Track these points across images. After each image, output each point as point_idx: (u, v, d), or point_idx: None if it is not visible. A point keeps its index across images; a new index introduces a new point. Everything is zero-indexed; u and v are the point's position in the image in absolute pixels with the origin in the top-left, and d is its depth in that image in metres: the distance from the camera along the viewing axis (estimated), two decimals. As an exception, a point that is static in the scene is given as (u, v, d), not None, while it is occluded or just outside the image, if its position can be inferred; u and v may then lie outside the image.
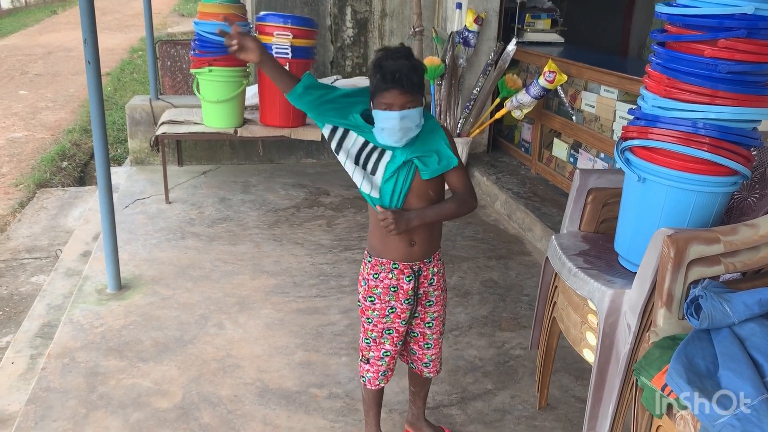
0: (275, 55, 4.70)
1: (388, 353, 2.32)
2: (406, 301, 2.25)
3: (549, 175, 5.14)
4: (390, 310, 2.25)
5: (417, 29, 5.64)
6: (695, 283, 1.88)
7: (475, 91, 5.45)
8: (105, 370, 2.97)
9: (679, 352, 1.71)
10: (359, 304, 2.31)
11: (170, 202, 4.93)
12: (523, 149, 5.67)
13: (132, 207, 4.89)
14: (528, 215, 4.57)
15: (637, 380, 1.82)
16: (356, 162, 2.12)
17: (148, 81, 6.57)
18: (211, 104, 4.86)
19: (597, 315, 2.19)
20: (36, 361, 3.17)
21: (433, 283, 2.29)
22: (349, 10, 6.10)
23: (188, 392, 2.83)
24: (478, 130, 5.46)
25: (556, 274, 2.53)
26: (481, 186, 5.37)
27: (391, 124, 1.99)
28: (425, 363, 2.41)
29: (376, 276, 2.22)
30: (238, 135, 4.88)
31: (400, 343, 2.33)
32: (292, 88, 2.11)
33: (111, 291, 3.63)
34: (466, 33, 5.35)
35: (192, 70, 4.88)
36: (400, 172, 2.10)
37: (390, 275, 2.21)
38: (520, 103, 4.93)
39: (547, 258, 2.60)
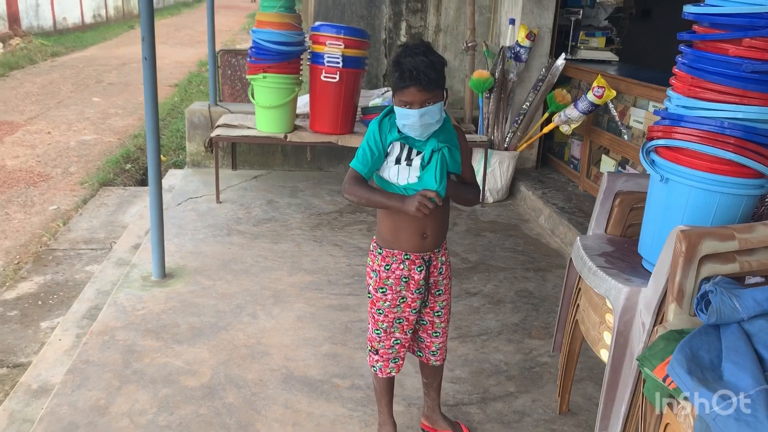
0: (327, 65, 4.85)
1: (398, 341, 2.36)
2: (417, 291, 2.29)
3: (596, 191, 5.09)
4: (401, 300, 2.29)
5: (470, 44, 5.71)
6: (709, 279, 1.86)
7: (524, 106, 5.46)
8: (141, 349, 3.11)
9: (683, 344, 1.70)
10: (369, 296, 2.35)
11: (220, 202, 5.12)
12: (571, 166, 5.63)
13: (184, 204, 5.09)
14: (571, 230, 4.54)
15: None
16: (398, 162, 2.16)
17: (211, 90, 6.85)
18: (263, 109, 5.04)
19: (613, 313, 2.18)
20: (80, 339, 3.35)
21: (443, 272, 2.34)
22: (404, 25, 6.23)
23: (216, 373, 2.94)
24: (525, 145, 5.46)
25: (579, 275, 2.53)
26: (526, 200, 5.36)
27: (412, 121, 2.05)
28: (432, 351, 2.44)
29: (387, 267, 2.27)
30: (288, 140, 5.03)
31: (410, 331, 2.37)
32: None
33: (155, 278, 3.80)
34: (518, 48, 5.38)
35: (248, 77, 5.07)
36: (434, 156, 2.14)
37: (401, 266, 2.25)
38: (568, 117, 4.92)
39: (571, 260, 2.60)
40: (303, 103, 5.59)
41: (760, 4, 1.90)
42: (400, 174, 2.15)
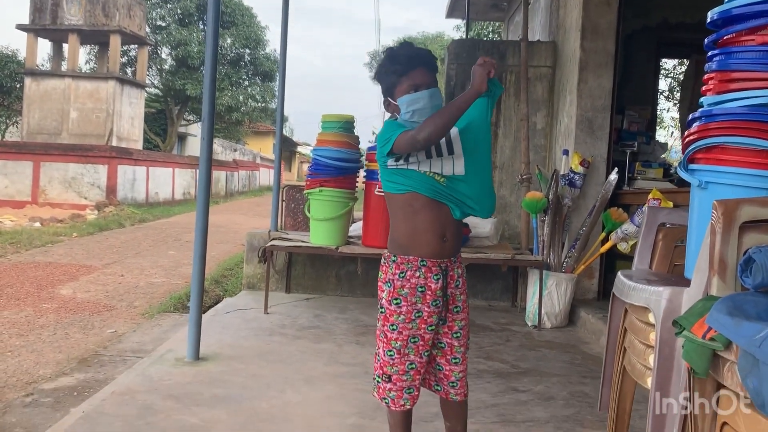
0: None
1: (413, 365, 2.15)
2: (434, 303, 2.12)
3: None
4: (416, 314, 2.12)
5: (524, 176, 5.80)
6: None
7: (581, 231, 5.36)
8: (159, 408, 2.95)
9: (725, 299, 1.48)
10: (381, 310, 2.19)
11: (268, 313, 5.07)
12: (634, 295, 5.34)
13: (232, 314, 5.08)
14: (632, 345, 4.19)
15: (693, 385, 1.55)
16: (428, 156, 2.10)
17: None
18: (318, 222, 5.15)
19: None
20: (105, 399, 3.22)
21: (459, 285, 2.18)
22: (461, 161, 6.43)
23: (231, 430, 2.72)
24: (583, 266, 5.28)
25: (624, 312, 2.30)
26: (586, 325, 5.05)
27: (423, 104, 2.06)
28: (452, 382, 2.20)
29: (402, 275, 2.13)
30: (339, 251, 5.06)
31: (426, 354, 2.16)
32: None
33: (189, 359, 3.70)
34: (572, 174, 5.41)
35: (305, 191, 5.26)
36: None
37: (417, 273, 2.12)
38: (626, 233, 4.78)
39: (613, 294, 2.38)
40: (357, 227, 5.69)
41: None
42: (434, 166, 2.08)
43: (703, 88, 2.14)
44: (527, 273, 5.41)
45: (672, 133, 18.38)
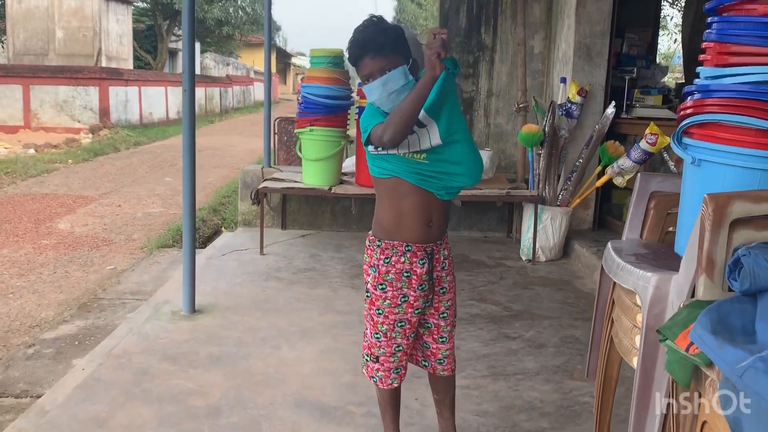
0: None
1: (400, 347, 2.16)
2: (420, 287, 2.10)
3: (655, 248, 4.77)
4: (402, 299, 2.11)
5: (521, 105, 5.66)
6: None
7: (578, 163, 5.29)
8: (155, 371, 3.00)
9: (710, 309, 1.45)
10: (367, 294, 2.17)
11: (264, 254, 5.09)
12: (630, 226, 5.33)
13: (228, 255, 5.09)
14: (625, 283, 4.22)
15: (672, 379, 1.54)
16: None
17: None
18: (310, 162, 5.07)
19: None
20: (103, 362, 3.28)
21: (445, 267, 2.16)
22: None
23: (226, 395, 2.78)
24: (578, 200, 5.24)
25: (612, 285, 2.28)
26: (580, 258, 5.07)
27: (377, 94, 1.96)
28: (439, 359, 2.22)
29: (387, 260, 2.10)
30: (332, 192, 5.01)
31: (412, 335, 2.17)
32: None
33: (184, 312, 3.73)
34: (569, 105, 5.28)
35: (296, 131, 5.16)
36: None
37: (402, 258, 2.09)
38: (622, 168, 4.71)
39: (602, 268, 2.36)
40: (350, 163, 5.61)
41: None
42: (421, 141, 2.00)
43: (701, 56, 2.02)
44: (522, 205, 5.39)
45: (675, 40, 17.85)
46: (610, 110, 5.06)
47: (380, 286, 2.10)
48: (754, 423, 1.21)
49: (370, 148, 2.02)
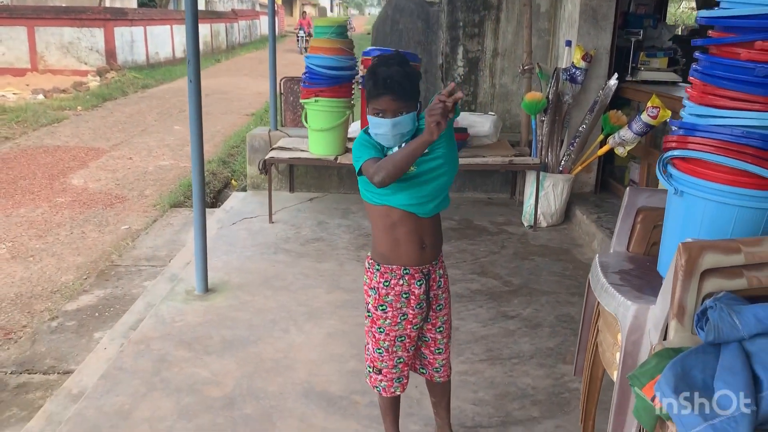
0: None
1: (402, 359, 2.32)
2: (418, 306, 2.25)
3: (654, 216, 4.87)
4: (402, 317, 2.26)
5: (526, 67, 5.65)
6: (713, 296, 1.73)
7: (580, 129, 5.33)
8: (172, 359, 3.21)
9: (675, 362, 1.59)
10: (368, 314, 2.31)
11: (273, 222, 5.24)
12: (631, 191, 5.41)
13: (238, 224, 5.25)
14: (623, 255, 4.35)
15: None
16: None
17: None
18: (316, 132, 5.15)
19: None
20: (123, 348, 3.49)
21: (441, 286, 2.30)
22: (461, 50, 6.24)
23: (239, 385, 2.99)
24: (580, 167, 5.31)
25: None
26: (581, 225, 5.20)
27: (384, 130, 2.05)
28: (436, 368, 2.39)
29: (386, 283, 2.23)
30: (338, 161, 5.11)
31: (413, 348, 2.33)
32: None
33: (198, 293, 3.92)
34: (573, 70, 5.27)
35: (301, 101, 5.21)
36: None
37: (401, 281, 2.22)
38: (623, 139, 4.76)
39: (589, 279, 2.49)
40: (354, 128, 5.67)
41: (771, 4, 1.79)
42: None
43: (688, 89, 2.08)
44: (525, 170, 5.46)
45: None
46: (613, 81, 5.06)
47: (381, 307, 2.25)
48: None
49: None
